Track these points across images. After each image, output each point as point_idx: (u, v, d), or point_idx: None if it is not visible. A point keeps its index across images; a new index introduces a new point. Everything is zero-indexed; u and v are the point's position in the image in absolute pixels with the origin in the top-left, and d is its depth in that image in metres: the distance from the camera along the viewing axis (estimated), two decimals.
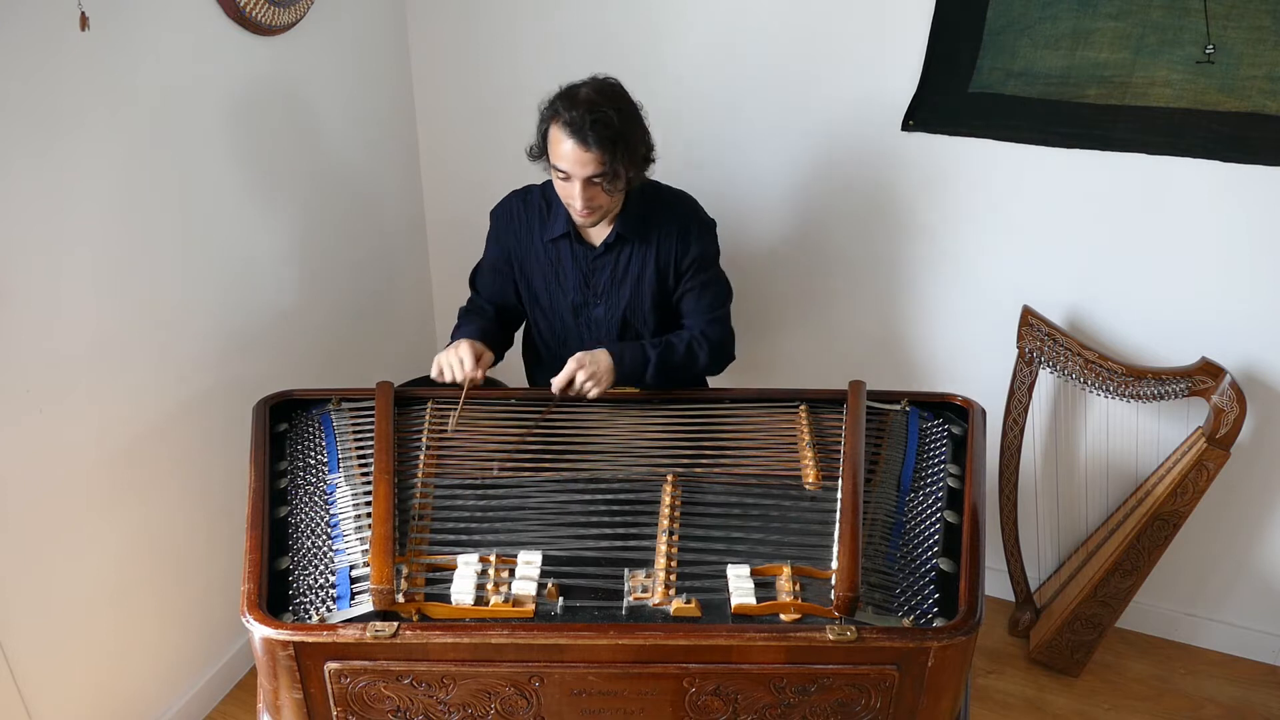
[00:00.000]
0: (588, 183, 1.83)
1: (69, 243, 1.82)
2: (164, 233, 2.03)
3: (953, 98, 2.26)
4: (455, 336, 2.03)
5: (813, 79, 2.38)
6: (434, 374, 1.93)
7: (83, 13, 1.70)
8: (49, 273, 1.80)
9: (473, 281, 2.20)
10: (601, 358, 1.91)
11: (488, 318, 2.12)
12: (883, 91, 2.32)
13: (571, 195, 1.86)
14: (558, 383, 1.88)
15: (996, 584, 2.71)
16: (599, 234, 2.02)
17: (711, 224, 2.07)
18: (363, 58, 2.53)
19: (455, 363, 1.92)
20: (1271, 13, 1.96)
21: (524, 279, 2.10)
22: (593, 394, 1.90)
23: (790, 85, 2.40)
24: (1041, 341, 2.33)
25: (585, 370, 1.88)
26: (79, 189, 1.82)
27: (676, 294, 2.06)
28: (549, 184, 2.02)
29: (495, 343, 2.06)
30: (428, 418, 1.88)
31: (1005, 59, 2.18)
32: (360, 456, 1.79)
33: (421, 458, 1.78)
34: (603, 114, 1.78)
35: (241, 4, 2.05)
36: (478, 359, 1.93)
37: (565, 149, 1.80)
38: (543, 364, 2.21)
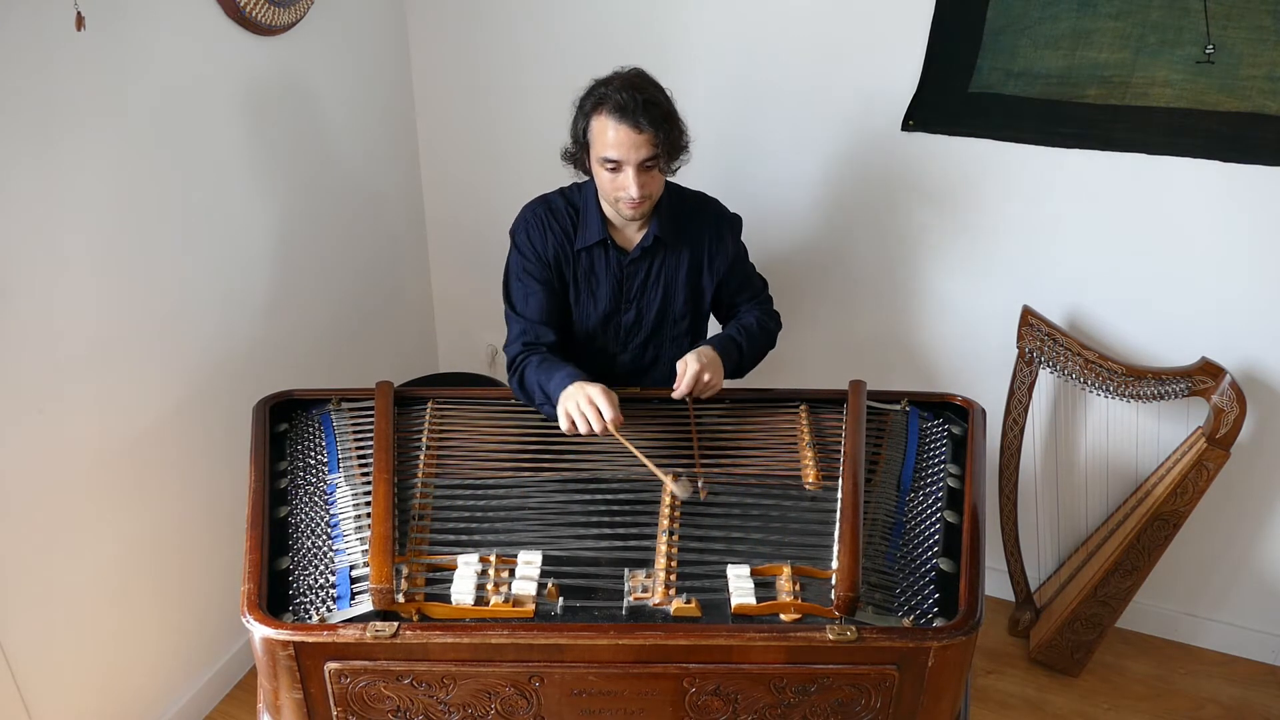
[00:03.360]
0: (641, 167, 1.77)
1: (69, 243, 1.82)
2: (164, 233, 2.03)
3: (953, 98, 2.26)
4: (555, 383, 1.78)
5: (812, 80, 2.38)
6: (565, 427, 1.72)
7: (78, 12, 1.70)
8: (49, 273, 1.80)
9: (519, 312, 1.95)
10: (710, 354, 1.85)
11: (562, 351, 1.93)
12: (882, 92, 2.32)
13: (624, 185, 1.79)
14: (683, 389, 1.79)
15: (996, 584, 2.71)
16: (633, 238, 1.96)
17: (738, 220, 2.06)
18: (363, 58, 2.53)
19: (590, 411, 1.69)
20: (1271, 13, 1.96)
21: (555, 287, 1.98)
22: (712, 391, 1.84)
23: (790, 86, 2.40)
24: (1041, 341, 2.33)
25: (708, 370, 1.81)
26: (79, 189, 1.82)
27: (724, 293, 2.05)
28: (569, 190, 1.98)
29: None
30: (428, 418, 1.88)
31: (1005, 59, 2.18)
32: (360, 456, 1.79)
33: (421, 458, 1.79)
34: (650, 94, 1.76)
35: (241, 4, 2.05)
36: (611, 400, 1.71)
37: (616, 135, 1.74)
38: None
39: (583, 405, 1.70)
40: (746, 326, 2.01)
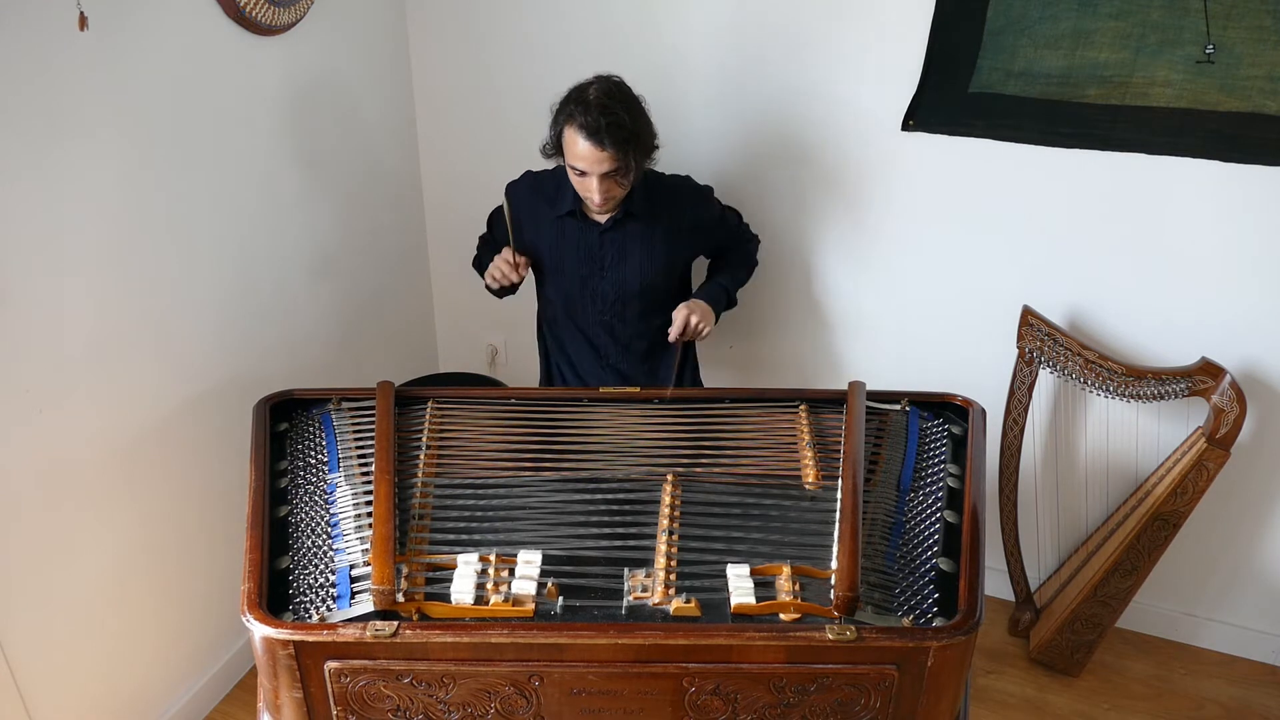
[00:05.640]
0: (604, 177, 1.95)
1: (69, 243, 1.83)
2: (163, 233, 2.03)
3: (953, 98, 2.26)
4: (485, 261, 2.25)
5: (812, 79, 2.38)
6: (488, 282, 2.17)
7: (81, 13, 1.70)
8: (49, 273, 1.80)
9: (490, 221, 2.36)
10: (699, 302, 2.14)
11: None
12: (883, 92, 2.32)
13: (589, 189, 1.98)
14: (675, 331, 2.09)
15: (996, 584, 2.71)
16: (604, 213, 2.12)
17: (708, 190, 2.23)
18: (363, 57, 2.53)
19: (503, 265, 2.13)
20: (1271, 13, 1.96)
21: (533, 252, 2.21)
22: (705, 332, 2.13)
23: (790, 85, 2.40)
24: (1041, 341, 2.33)
25: (696, 314, 2.10)
26: (79, 189, 1.82)
27: (716, 249, 2.30)
28: (558, 167, 2.11)
29: None
30: (428, 418, 1.88)
31: (1005, 59, 2.18)
32: (360, 456, 1.79)
33: (421, 458, 1.79)
34: (615, 116, 1.90)
35: (241, 4, 2.05)
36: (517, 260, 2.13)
37: (582, 150, 1.92)
38: (557, 331, 2.32)
39: (498, 263, 2.13)
40: (731, 266, 2.29)
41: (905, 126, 2.34)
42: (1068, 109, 2.18)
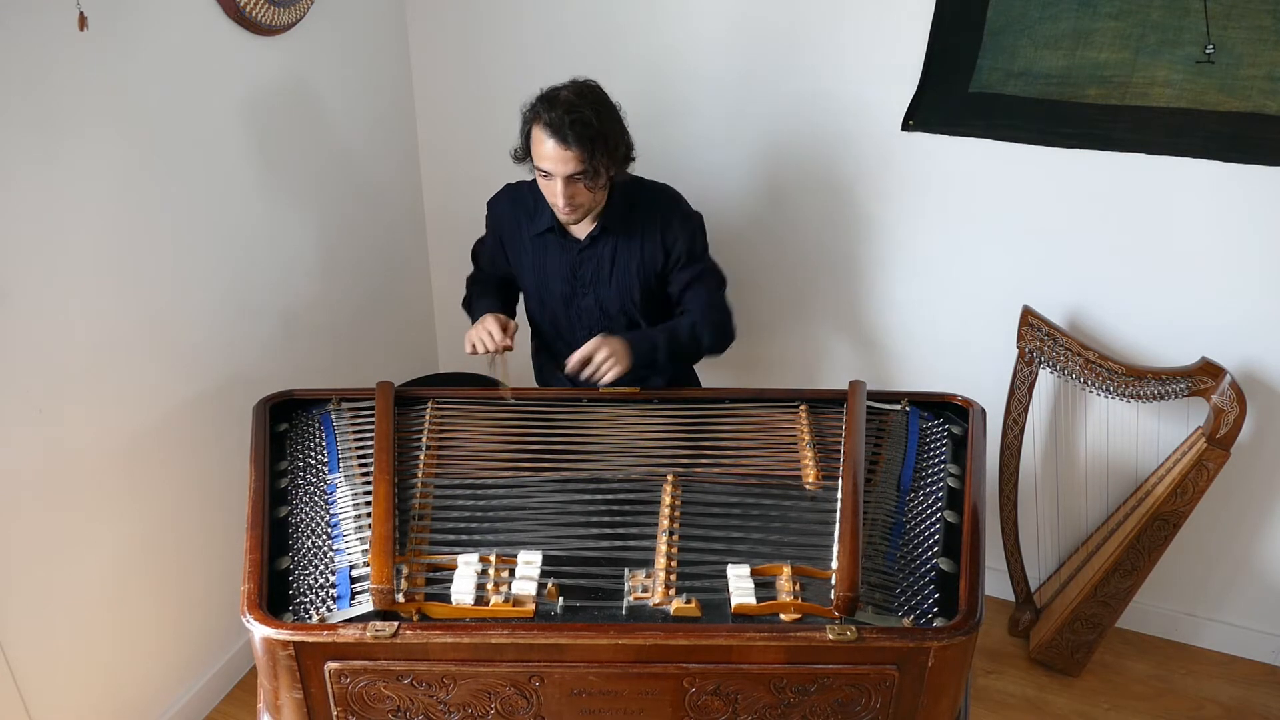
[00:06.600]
0: (569, 180, 1.88)
1: (69, 243, 1.82)
2: (163, 233, 2.03)
3: (953, 98, 2.26)
4: (474, 309, 2.16)
5: (813, 79, 2.38)
6: (467, 350, 2.02)
7: (81, 13, 1.70)
8: (49, 273, 1.80)
9: (475, 255, 2.31)
10: (616, 341, 1.94)
11: (496, 287, 2.23)
12: (883, 92, 2.32)
13: (554, 193, 1.92)
14: (575, 360, 1.91)
15: (996, 584, 2.71)
16: (584, 228, 2.06)
17: (697, 216, 2.09)
18: (363, 57, 2.53)
19: (485, 336, 1.99)
20: (1271, 13, 1.96)
21: (516, 269, 2.18)
22: (610, 375, 1.91)
23: (790, 85, 2.40)
24: (1041, 341, 2.33)
25: (605, 349, 1.91)
26: (79, 189, 1.82)
27: (672, 287, 2.10)
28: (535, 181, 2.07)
29: (508, 311, 2.16)
30: (428, 418, 1.88)
31: (1005, 59, 2.18)
32: (360, 456, 1.79)
33: (421, 458, 1.79)
34: (581, 114, 1.84)
35: (241, 4, 2.05)
36: (504, 329, 2.01)
37: (546, 149, 1.86)
38: (546, 348, 2.29)
39: (480, 333, 2.00)
40: (673, 329, 2.03)
41: (905, 126, 2.34)
42: (1068, 109, 2.18)
